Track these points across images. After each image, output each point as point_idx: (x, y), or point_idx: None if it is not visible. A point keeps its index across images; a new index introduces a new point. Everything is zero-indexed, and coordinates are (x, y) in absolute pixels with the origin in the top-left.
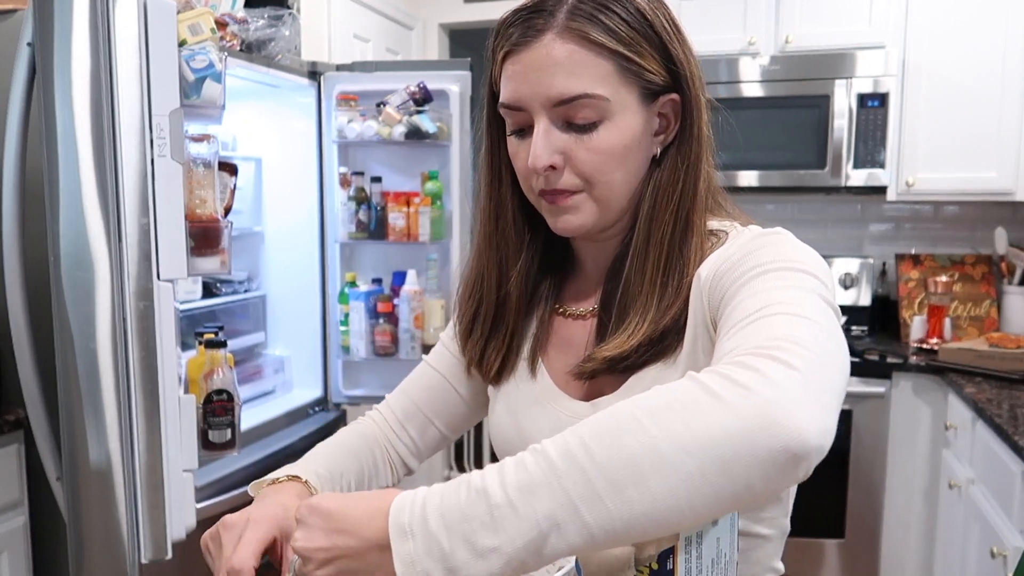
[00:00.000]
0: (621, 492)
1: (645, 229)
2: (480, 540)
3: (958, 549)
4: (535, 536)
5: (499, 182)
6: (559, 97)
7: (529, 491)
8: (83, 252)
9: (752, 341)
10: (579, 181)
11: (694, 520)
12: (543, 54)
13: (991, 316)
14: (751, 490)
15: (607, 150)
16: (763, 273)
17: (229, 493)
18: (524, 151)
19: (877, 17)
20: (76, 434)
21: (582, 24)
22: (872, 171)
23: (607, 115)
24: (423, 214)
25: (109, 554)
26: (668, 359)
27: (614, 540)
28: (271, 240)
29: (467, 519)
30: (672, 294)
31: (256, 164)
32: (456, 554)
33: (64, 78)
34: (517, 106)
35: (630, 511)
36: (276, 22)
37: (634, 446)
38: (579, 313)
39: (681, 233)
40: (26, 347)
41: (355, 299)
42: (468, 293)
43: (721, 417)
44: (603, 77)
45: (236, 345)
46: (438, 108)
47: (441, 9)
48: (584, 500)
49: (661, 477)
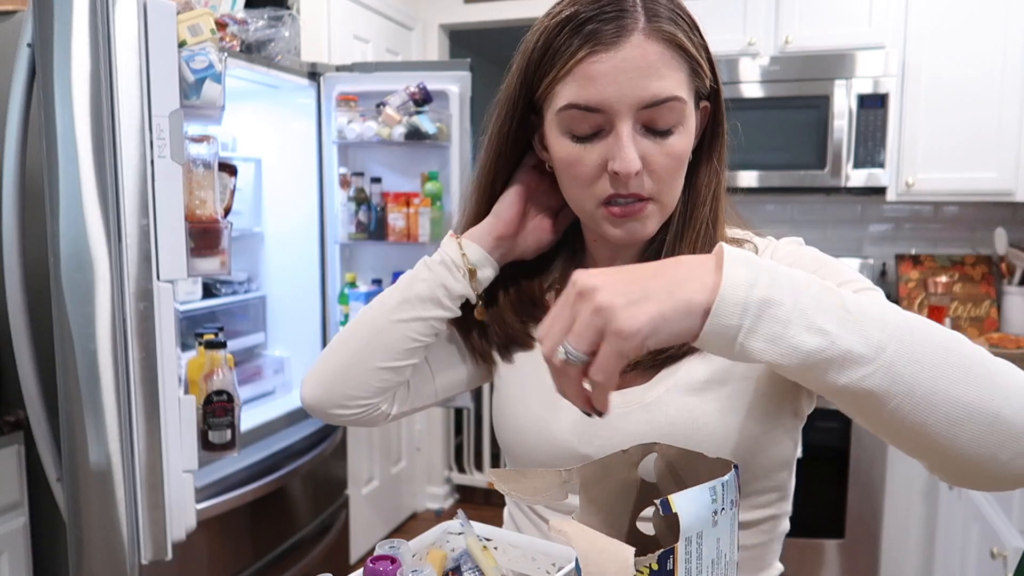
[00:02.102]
0: (931, 368)
1: (677, 230)
2: (818, 320)
3: (958, 549)
4: (859, 351)
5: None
6: (652, 99)
7: (869, 318)
8: (83, 252)
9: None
10: (653, 187)
11: (947, 426)
12: (636, 54)
13: (991, 316)
14: (1001, 419)
15: (680, 154)
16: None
17: (229, 494)
18: (592, 156)
19: (877, 18)
20: (76, 435)
21: (663, 23)
22: (872, 171)
23: (683, 119)
24: (423, 215)
25: (109, 555)
26: (702, 352)
27: (899, 400)
28: (271, 241)
29: (814, 298)
30: None
31: (256, 165)
32: (789, 309)
33: (64, 79)
34: (598, 108)
35: (927, 385)
36: (276, 23)
37: (953, 346)
38: None
39: (712, 231)
40: (26, 348)
41: (355, 300)
42: None
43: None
44: (682, 81)
45: (236, 346)
46: (438, 109)
47: (441, 10)
48: (902, 355)
49: (963, 372)
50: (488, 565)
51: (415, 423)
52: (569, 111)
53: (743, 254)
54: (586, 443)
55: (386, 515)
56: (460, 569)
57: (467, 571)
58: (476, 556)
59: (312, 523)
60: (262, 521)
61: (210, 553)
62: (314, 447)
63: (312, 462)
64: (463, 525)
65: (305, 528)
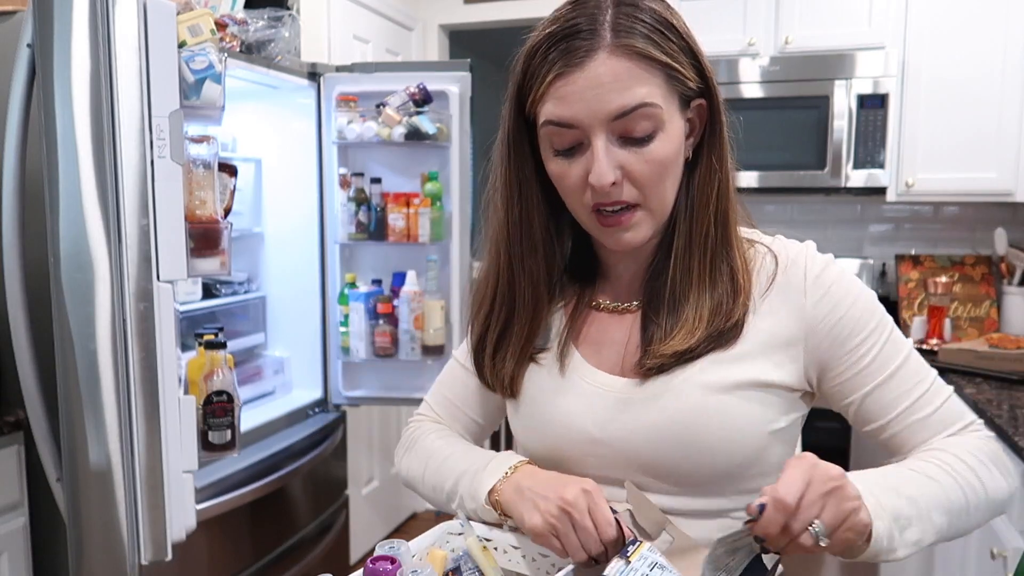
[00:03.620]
0: (960, 517)
1: (686, 230)
2: (917, 532)
3: (958, 549)
4: (927, 540)
5: (524, 199)
6: (619, 110)
7: (936, 508)
8: (83, 253)
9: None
10: (636, 194)
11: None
12: (600, 72)
13: (991, 317)
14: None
15: (662, 160)
16: (887, 335)
17: (229, 494)
18: (576, 169)
19: (877, 18)
20: (76, 435)
21: (631, 39)
22: (872, 172)
23: (660, 125)
24: (423, 215)
25: (109, 555)
26: (721, 351)
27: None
28: (271, 241)
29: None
30: (726, 290)
31: (256, 165)
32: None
33: (64, 79)
34: (571, 124)
35: (956, 531)
36: (276, 23)
37: (971, 496)
38: (615, 308)
39: (722, 230)
40: (26, 348)
41: (355, 300)
42: (491, 309)
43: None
44: (656, 88)
45: (236, 346)
46: (438, 109)
47: (441, 10)
48: (952, 526)
49: (982, 515)
50: (488, 565)
51: None
52: (547, 127)
53: (879, 509)
54: (600, 428)
55: (386, 515)
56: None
57: (467, 572)
58: (476, 556)
59: (312, 523)
60: (262, 521)
61: (210, 553)
62: (314, 447)
63: (312, 462)
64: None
65: (305, 528)
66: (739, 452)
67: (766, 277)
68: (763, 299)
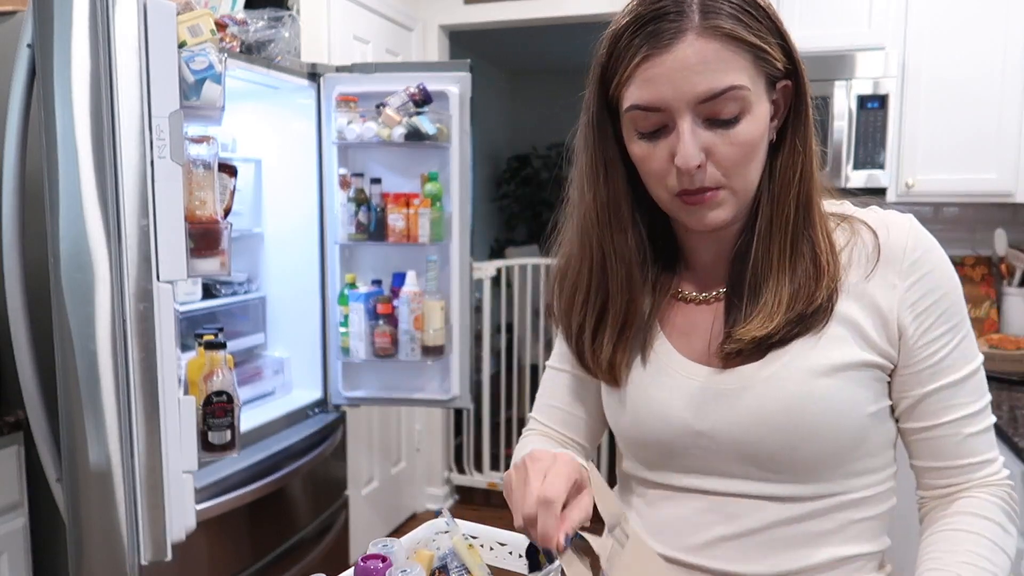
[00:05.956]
0: None
1: (768, 212)
2: None
3: None
4: None
5: (611, 180)
6: (707, 93)
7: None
8: (83, 253)
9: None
10: (721, 176)
11: None
12: (688, 54)
13: (991, 318)
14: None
15: (748, 142)
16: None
17: (229, 494)
18: (660, 152)
19: (876, 18)
20: (76, 435)
21: (719, 20)
22: (872, 172)
23: (748, 107)
24: (423, 215)
25: (109, 555)
26: (810, 335)
27: None
28: (271, 241)
29: None
30: (808, 273)
31: (256, 165)
32: None
33: (64, 79)
34: (657, 107)
35: None
36: (276, 23)
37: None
38: (701, 298)
39: (804, 212)
40: (26, 348)
41: (355, 300)
42: (587, 296)
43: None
44: (744, 69)
45: (236, 346)
46: (438, 109)
47: (441, 10)
48: None
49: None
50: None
51: (415, 423)
52: (632, 112)
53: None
54: (700, 420)
55: (386, 516)
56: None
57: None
58: (462, 554)
59: (312, 524)
60: (262, 522)
61: (210, 554)
62: (314, 448)
63: (312, 463)
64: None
65: (305, 529)
66: (844, 435)
67: (864, 256)
68: (863, 278)
